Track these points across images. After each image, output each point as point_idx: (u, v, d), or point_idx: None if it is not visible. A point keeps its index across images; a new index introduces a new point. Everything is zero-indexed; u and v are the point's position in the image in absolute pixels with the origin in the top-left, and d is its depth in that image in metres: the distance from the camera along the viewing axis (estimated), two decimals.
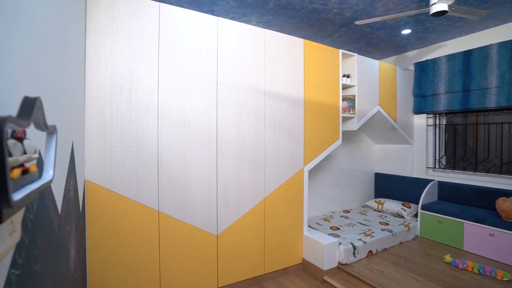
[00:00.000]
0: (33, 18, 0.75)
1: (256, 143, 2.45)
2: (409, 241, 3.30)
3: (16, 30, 0.63)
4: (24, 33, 0.67)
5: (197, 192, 2.17)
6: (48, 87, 0.90)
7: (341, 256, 2.63)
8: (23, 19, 0.66)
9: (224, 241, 2.31)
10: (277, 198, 2.59)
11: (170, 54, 2.05)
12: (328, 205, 4.01)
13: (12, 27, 0.60)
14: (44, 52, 0.84)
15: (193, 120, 2.15)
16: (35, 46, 0.76)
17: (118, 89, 1.88)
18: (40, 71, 0.82)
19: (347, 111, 3.15)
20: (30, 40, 0.71)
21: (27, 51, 0.69)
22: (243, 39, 2.38)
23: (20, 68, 0.65)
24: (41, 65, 0.82)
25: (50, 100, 0.95)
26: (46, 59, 0.85)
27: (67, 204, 1.19)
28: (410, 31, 3.28)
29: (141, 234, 1.96)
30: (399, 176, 4.14)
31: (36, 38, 0.78)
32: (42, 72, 0.84)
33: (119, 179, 1.89)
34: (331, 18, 2.92)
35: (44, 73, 0.85)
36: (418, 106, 3.93)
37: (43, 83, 0.84)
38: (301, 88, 2.71)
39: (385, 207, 3.89)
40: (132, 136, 1.92)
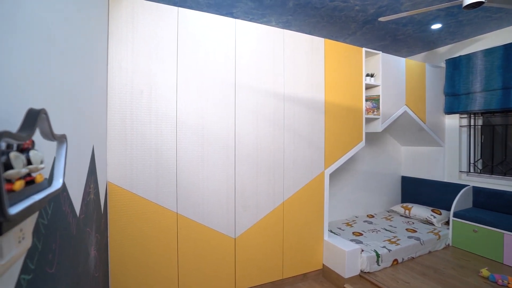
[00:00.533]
0: (53, 28, 0.77)
1: (275, 146, 2.41)
2: (440, 250, 3.08)
3: (35, 40, 0.65)
4: (42, 42, 0.69)
5: (214, 195, 2.18)
6: (68, 94, 0.93)
7: (363, 264, 2.51)
8: (42, 30, 0.68)
9: (242, 244, 2.30)
10: (297, 201, 2.53)
11: (188, 58, 2.07)
12: (351, 209, 3.87)
13: (31, 37, 0.62)
14: (64, 61, 0.87)
15: (211, 123, 2.15)
16: (56, 55, 0.79)
17: (138, 93, 1.93)
18: (60, 79, 0.85)
19: (370, 112, 3.01)
20: (50, 49, 0.74)
21: (46, 60, 0.72)
22: (261, 41, 2.35)
23: (40, 76, 0.67)
24: (62, 73, 0.85)
25: (70, 106, 0.98)
26: (66, 67, 0.88)
27: (87, 206, 1.23)
28: (441, 25, 3.06)
29: (160, 235, 1.99)
30: (428, 180, 3.89)
31: (58, 47, 0.81)
32: (62, 79, 0.87)
33: (139, 181, 1.94)
34: (353, 15, 2.80)
35: (64, 80, 0.88)
36: (450, 105, 3.67)
37: (63, 90, 0.87)
38: (321, 89, 2.62)
39: (412, 213, 3.67)
40: (152, 139, 1.97)
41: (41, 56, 0.75)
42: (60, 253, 0.86)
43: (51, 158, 0.75)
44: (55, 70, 0.83)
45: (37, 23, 0.70)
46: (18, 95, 0.60)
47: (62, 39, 0.89)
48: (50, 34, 0.78)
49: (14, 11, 0.60)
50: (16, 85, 0.60)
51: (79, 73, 1.11)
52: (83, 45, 1.17)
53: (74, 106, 1.04)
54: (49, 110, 0.77)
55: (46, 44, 0.76)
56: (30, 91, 0.66)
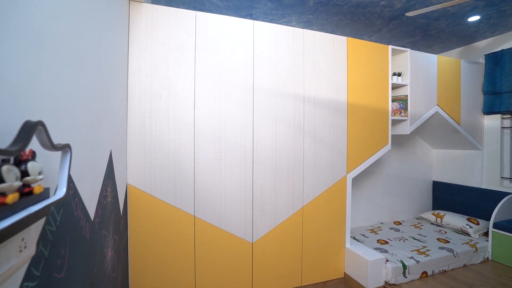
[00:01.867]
0: (68, 34, 0.79)
1: (294, 150, 2.34)
2: (477, 264, 2.81)
3: (51, 47, 0.66)
4: (56, 49, 0.71)
5: (232, 199, 2.16)
6: (84, 100, 0.96)
7: (388, 275, 2.36)
8: (58, 36, 0.69)
9: (260, 249, 2.26)
10: (317, 207, 2.44)
11: (206, 61, 2.08)
12: (376, 215, 3.67)
13: (47, 45, 0.63)
14: (81, 68, 0.89)
15: (229, 127, 2.14)
16: (72, 61, 0.80)
17: (157, 97, 1.96)
18: (76, 86, 0.87)
19: (397, 113, 2.83)
20: (65, 55, 0.75)
21: (62, 67, 0.73)
22: (280, 41, 2.29)
23: (55, 83, 0.69)
24: (78, 80, 0.86)
25: (86, 113, 1.01)
26: (82, 75, 0.90)
27: (103, 209, 1.26)
28: (480, 17, 2.80)
29: (177, 237, 2.01)
30: (463, 186, 3.58)
31: (74, 53, 0.83)
32: (78, 86, 0.89)
33: (157, 184, 1.97)
34: (378, 11, 2.65)
35: (80, 87, 0.90)
36: (490, 105, 3.35)
37: (77, 97, 0.89)
38: (344, 91, 2.51)
39: (445, 221, 3.40)
40: (170, 142, 1.99)
41: (57, 63, 0.76)
42: (71, 257, 0.88)
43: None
44: (70, 77, 0.85)
45: (54, 31, 0.72)
46: (28, 102, 0.61)
47: (79, 44, 0.91)
48: (64, 39, 0.80)
49: (38, 27, 0.61)
50: (28, 91, 0.61)
51: (97, 79, 1.14)
52: (101, 51, 1.20)
53: (91, 112, 1.07)
54: (61, 117, 0.79)
55: (61, 50, 0.78)
56: (40, 99, 0.67)
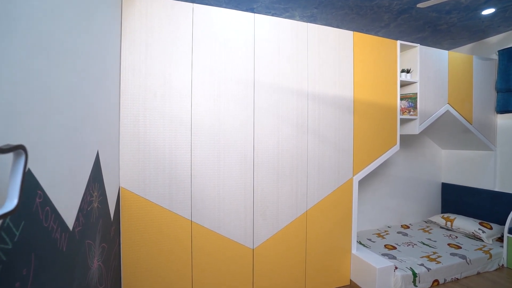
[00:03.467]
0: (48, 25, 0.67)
1: (298, 151, 2.21)
2: (491, 272, 2.66)
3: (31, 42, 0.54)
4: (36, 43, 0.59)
5: (231, 202, 2.04)
6: (65, 97, 0.84)
7: (397, 283, 2.22)
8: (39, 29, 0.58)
9: (261, 255, 2.13)
10: (322, 211, 2.31)
11: (203, 57, 1.96)
12: (383, 218, 3.53)
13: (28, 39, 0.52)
14: (61, 62, 0.77)
15: (228, 126, 2.02)
16: (52, 56, 0.69)
17: (151, 95, 1.85)
18: (54, 82, 0.75)
19: (406, 112, 2.69)
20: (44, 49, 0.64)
21: (38, 61, 0.62)
22: (283, 36, 2.17)
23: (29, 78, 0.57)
24: (57, 75, 0.75)
25: (65, 111, 0.89)
26: (63, 69, 0.78)
27: (86, 216, 1.15)
28: (494, 10, 2.64)
29: (174, 243, 1.90)
30: (475, 189, 3.42)
31: (54, 47, 0.71)
32: (57, 82, 0.78)
33: (152, 187, 1.86)
34: (386, 4, 2.50)
35: (59, 83, 0.79)
36: (504, 103, 3.18)
37: (57, 93, 0.77)
38: (350, 88, 2.37)
39: (455, 225, 3.25)
40: (166, 143, 1.88)
41: (35, 57, 0.65)
42: (39, 275, 0.76)
43: None
44: (47, 72, 0.73)
45: (36, 24, 0.60)
46: None
47: (58, 38, 0.79)
48: (43, 30, 0.69)
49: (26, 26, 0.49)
50: None
51: (79, 74, 1.02)
52: (87, 45, 1.09)
53: (70, 109, 0.95)
54: (26, 116, 0.67)
55: (40, 44, 0.66)
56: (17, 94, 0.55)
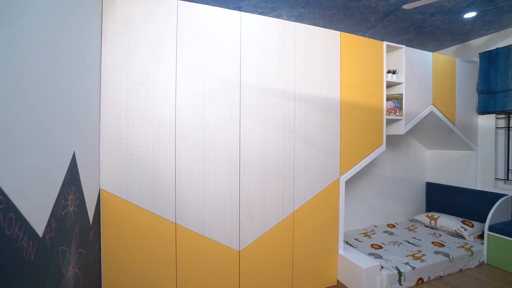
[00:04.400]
0: None
1: (284, 151, 2.19)
2: (473, 269, 2.73)
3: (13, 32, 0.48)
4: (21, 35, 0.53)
5: (217, 204, 2.00)
6: (34, 95, 0.78)
7: (383, 283, 2.24)
8: None
9: (247, 257, 2.10)
10: (309, 211, 2.30)
11: (188, 55, 1.91)
12: (370, 217, 3.56)
13: None
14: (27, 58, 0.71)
15: (214, 127, 1.97)
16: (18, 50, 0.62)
17: (134, 94, 1.78)
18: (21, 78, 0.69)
19: (392, 112, 2.72)
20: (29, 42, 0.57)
21: None
22: (269, 35, 2.14)
23: None
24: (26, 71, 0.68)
25: (41, 110, 0.83)
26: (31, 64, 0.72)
27: (60, 222, 1.08)
28: (476, 13, 2.71)
29: (157, 247, 1.84)
30: (458, 188, 3.51)
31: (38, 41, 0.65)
32: (28, 79, 0.71)
33: (134, 189, 1.79)
34: (373, 5, 2.52)
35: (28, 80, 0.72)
36: (485, 104, 3.28)
37: (25, 91, 0.71)
38: (337, 89, 2.37)
39: (439, 224, 3.32)
40: (148, 143, 1.82)
41: None
42: None
43: None
44: (12, 65, 0.67)
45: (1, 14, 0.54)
46: None
47: (29, 31, 0.73)
48: (9, 22, 0.63)
49: None
50: None
51: (55, 71, 0.96)
52: (63, 41, 1.02)
53: (39, 108, 0.89)
54: None
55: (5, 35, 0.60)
56: None
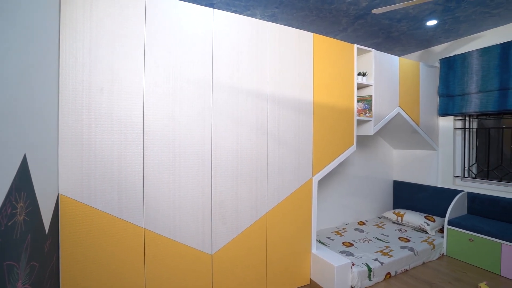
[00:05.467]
0: None
1: (257, 153, 2.17)
2: (434, 261, 2.90)
3: None
4: None
5: (188, 207, 1.93)
6: None
7: (354, 279, 2.30)
8: None
9: (220, 261, 2.06)
10: (282, 212, 2.30)
11: (158, 52, 1.82)
12: (342, 215, 3.67)
13: None
14: None
15: (184, 128, 1.90)
16: None
17: (97, 91, 1.66)
18: None
19: (362, 113, 2.81)
20: None
21: None
22: (243, 34, 2.11)
23: None
24: None
25: None
26: None
27: (6, 234, 0.97)
28: (437, 22, 2.88)
29: (124, 254, 1.73)
30: (421, 185, 3.72)
31: None
32: None
33: (98, 193, 1.67)
34: (344, 9, 2.58)
35: None
36: (444, 107, 3.50)
37: None
38: (310, 90, 2.40)
39: (405, 220, 3.50)
40: (114, 144, 1.70)
41: None
42: None
43: None
44: None
45: None
46: None
47: None
48: None
49: None
50: None
51: None
52: (5, 32, 0.91)
53: None
54: None
55: None
56: None
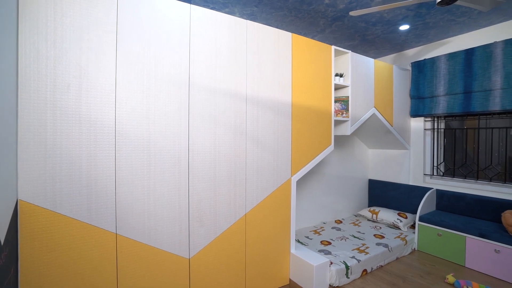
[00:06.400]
0: None
1: (236, 154, 2.13)
2: (406, 256, 3.03)
3: None
4: None
5: (164, 210, 1.85)
6: None
7: (332, 278, 2.34)
8: None
9: (198, 265, 1.99)
10: (261, 213, 2.28)
11: (131, 48, 1.72)
12: (320, 215, 3.72)
13: None
14: None
15: (160, 128, 1.81)
16: None
17: (64, 88, 1.54)
18: None
19: (339, 114, 2.86)
20: None
21: None
22: (221, 32, 2.05)
23: None
24: None
25: None
26: None
27: None
28: (409, 27, 3.01)
29: (94, 263, 1.62)
30: (394, 183, 3.88)
31: None
32: None
33: (64, 198, 1.54)
34: (322, 10, 2.61)
35: None
36: (416, 108, 3.67)
37: None
38: (288, 90, 2.40)
39: (379, 217, 3.62)
40: (83, 146, 1.58)
41: None
42: None
43: None
44: None
45: None
46: None
47: None
48: None
49: None
50: None
51: None
52: None
53: None
54: None
55: None
56: None
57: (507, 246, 2.50)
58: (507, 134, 3.03)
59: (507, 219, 2.51)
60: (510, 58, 2.79)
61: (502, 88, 2.85)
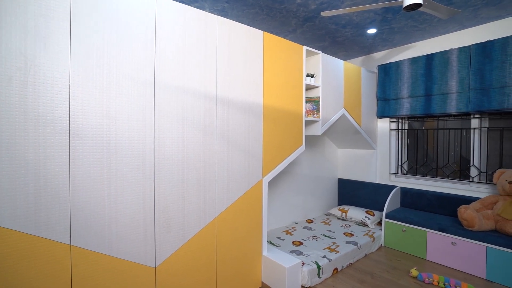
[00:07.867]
0: None
1: (205, 156, 2.03)
2: (374, 252, 3.14)
3: None
4: None
5: (127, 217, 1.70)
6: None
7: (304, 278, 2.33)
8: None
9: (165, 273, 1.87)
10: (232, 215, 2.21)
11: (89, 39, 1.55)
12: (291, 215, 3.73)
13: None
14: None
15: (122, 128, 1.66)
16: None
17: (5, 80, 1.34)
18: None
19: (310, 114, 2.88)
20: None
21: None
22: (189, 27, 1.94)
23: None
24: None
25: None
26: None
27: None
28: (376, 30, 3.12)
29: (43, 279, 1.44)
30: (363, 182, 4.01)
31: None
32: None
33: (6, 208, 1.35)
34: (294, 10, 2.60)
35: None
36: (382, 110, 3.83)
37: None
38: (259, 90, 2.35)
39: (349, 215, 3.73)
40: (29, 145, 1.40)
41: None
42: None
43: None
44: None
45: None
46: None
47: None
48: None
49: None
50: None
51: None
52: None
53: None
54: None
55: None
56: None
57: (462, 239, 2.68)
58: (461, 135, 3.26)
59: (462, 214, 2.70)
60: (464, 64, 3.01)
61: (457, 92, 3.06)
